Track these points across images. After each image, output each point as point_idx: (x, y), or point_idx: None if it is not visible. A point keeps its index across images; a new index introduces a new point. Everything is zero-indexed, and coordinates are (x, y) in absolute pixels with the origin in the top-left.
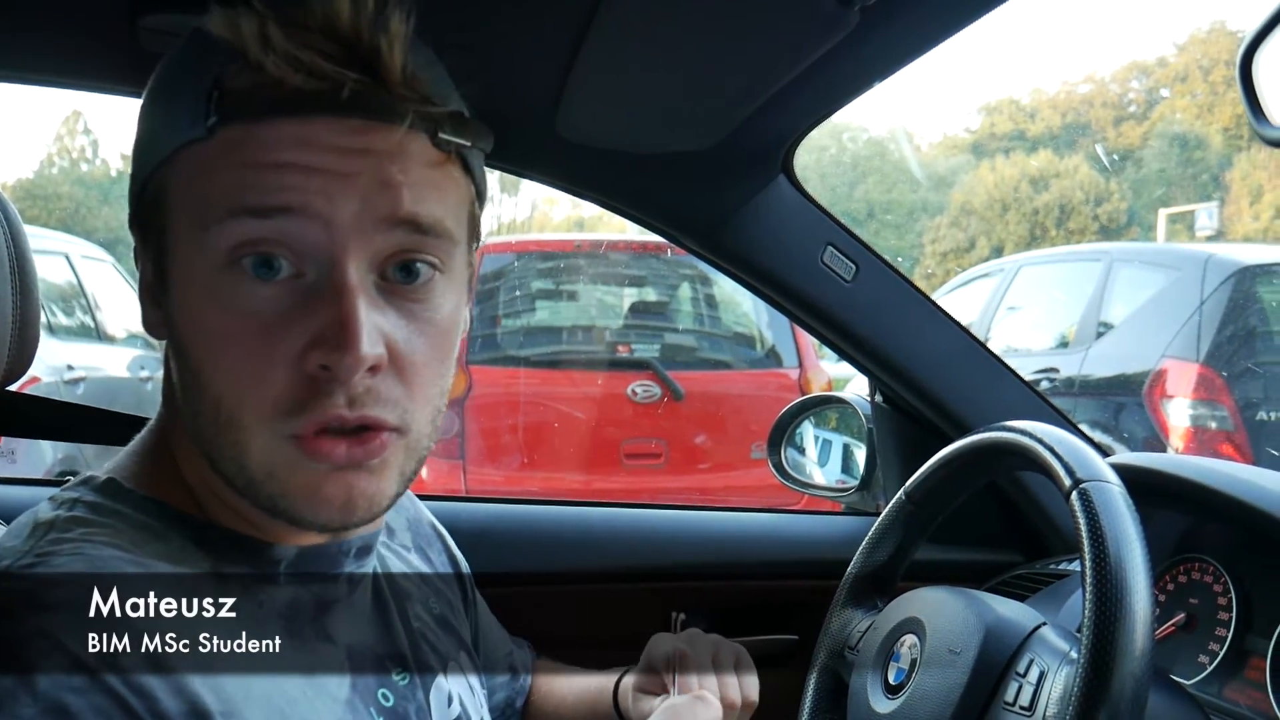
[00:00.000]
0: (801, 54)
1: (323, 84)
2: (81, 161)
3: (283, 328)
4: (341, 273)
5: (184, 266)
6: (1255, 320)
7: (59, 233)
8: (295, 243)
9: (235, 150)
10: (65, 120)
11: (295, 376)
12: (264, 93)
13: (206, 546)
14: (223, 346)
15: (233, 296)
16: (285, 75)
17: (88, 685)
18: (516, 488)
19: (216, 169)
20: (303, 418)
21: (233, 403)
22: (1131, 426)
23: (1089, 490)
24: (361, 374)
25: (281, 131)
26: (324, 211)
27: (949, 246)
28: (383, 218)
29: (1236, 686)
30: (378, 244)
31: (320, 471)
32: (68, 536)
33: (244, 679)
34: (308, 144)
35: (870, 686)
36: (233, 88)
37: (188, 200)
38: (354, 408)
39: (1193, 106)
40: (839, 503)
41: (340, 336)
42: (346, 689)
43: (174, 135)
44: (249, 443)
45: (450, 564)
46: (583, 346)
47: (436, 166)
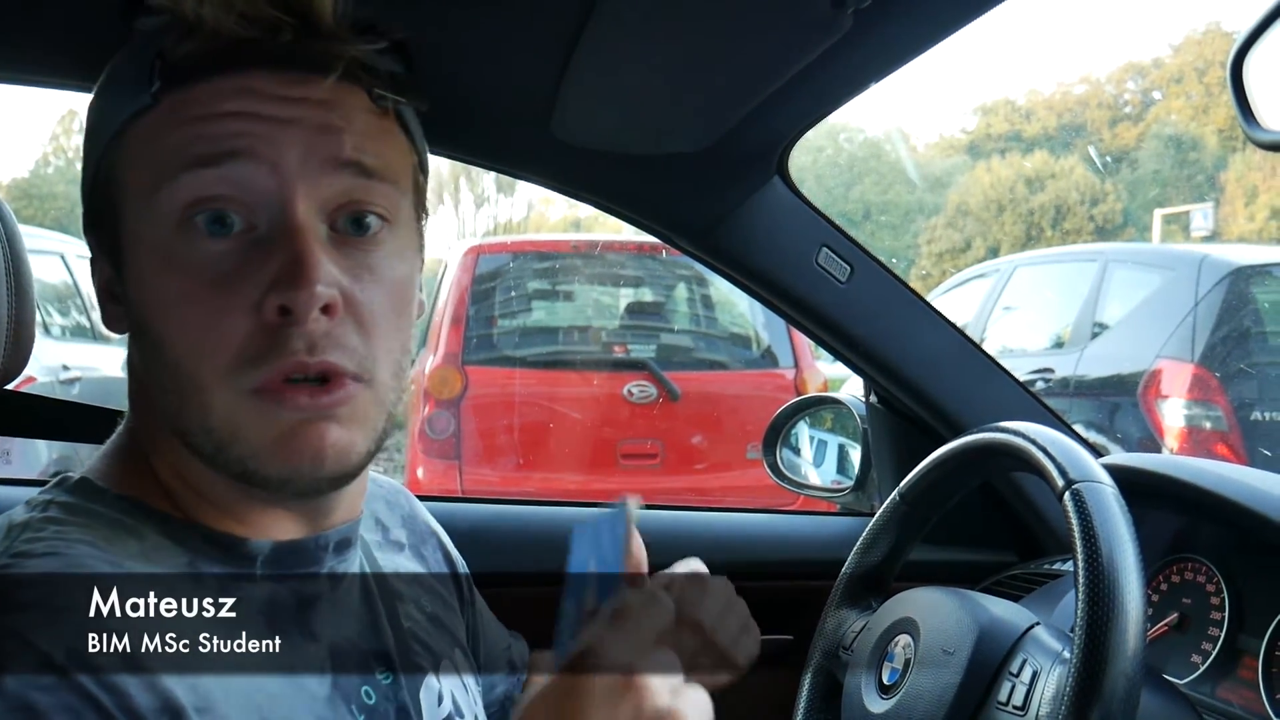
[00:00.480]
0: (796, 56)
1: (257, 33)
2: (77, 161)
3: (238, 280)
4: (292, 215)
5: (138, 237)
6: (1250, 321)
7: (54, 232)
8: (245, 194)
9: (180, 110)
10: (61, 120)
11: (254, 327)
12: (203, 52)
13: (181, 543)
14: (179, 307)
15: (188, 255)
16: (220, 23)
17: (56, 684)
18: (512, 488)
19: (164, 131)
20: (264, 368)
21: (192, 362)
22: (1126, 427)
23: (1081, 491)
24: (318, 314)
25: (223, 85)
26: (269, 155)
27: (945, 247)
28: (326, 159)
29: (1229, 686)
30: (324, 188)
31: (288, 421)
32: (41, 536)
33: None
34: (249, 94)
35: (864, 686)
36: (173, 55)
37: (138, 169)
38: (314, 353)
39: (1188, 108)
40: (834, 503)
41: (295, 275)
42: (327, 686)
43: (120, 110)
44: (211, 402)
45: (446, 562)
46: (579, 347)
47: (377, 119)
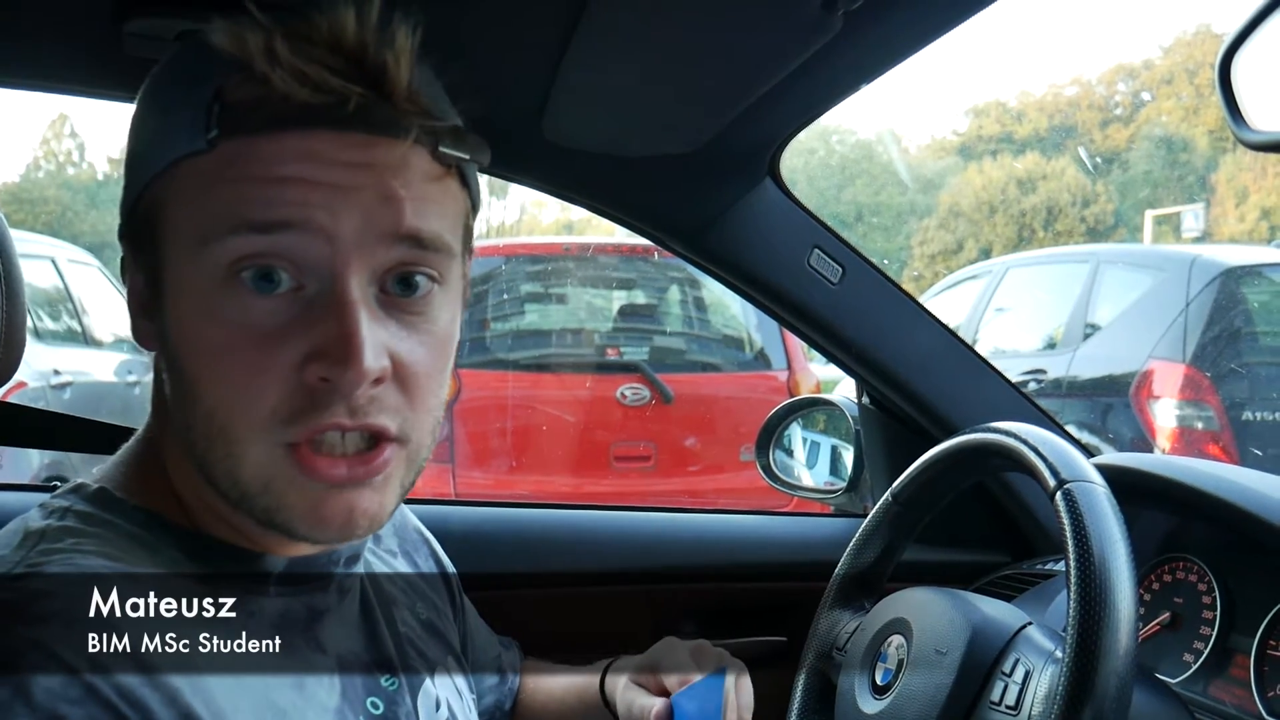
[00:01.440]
0: (786, 58)
1: (327, 98)
2: (68, 165)
3: (281, 339)
4: (343, 287)
5: (180, 279)
6: (1240, 321)
7: (45, 237)
8: (296, 256)
9: (236, 164)
10: (51, 124)
11: (293, 387)
12: (266, 106)
13: (197, 557)
14: (219, 358)
15: (231, 309)
16: (291, 90)
17: (83, 696)
18: (506, 491)
19: (217, 183)
20: (299, 426)
21: (226, 414)
22: (1119, 427)
23: (1073, 490)
24: (365, 386)
25: (284, 145)
26: (326, 226)
27: (937, 248)
28: (385, 232)
29: (1221, 684)
30: (379, 258)
31: (319, 489)
32: (58, 547)
33: (232, 690)
34: (310, 158)
35: (858, 687)
36: (234, 100)
37: (186, 214)
38: (355, 416)
39: (1179, 109)
40: (827, 504)
41: (343, 350)
42: (336, 697)
43: (171, 148)
44: (243, 454)
45: (437, 568)
46: (572, 349)
47: (436, 180)
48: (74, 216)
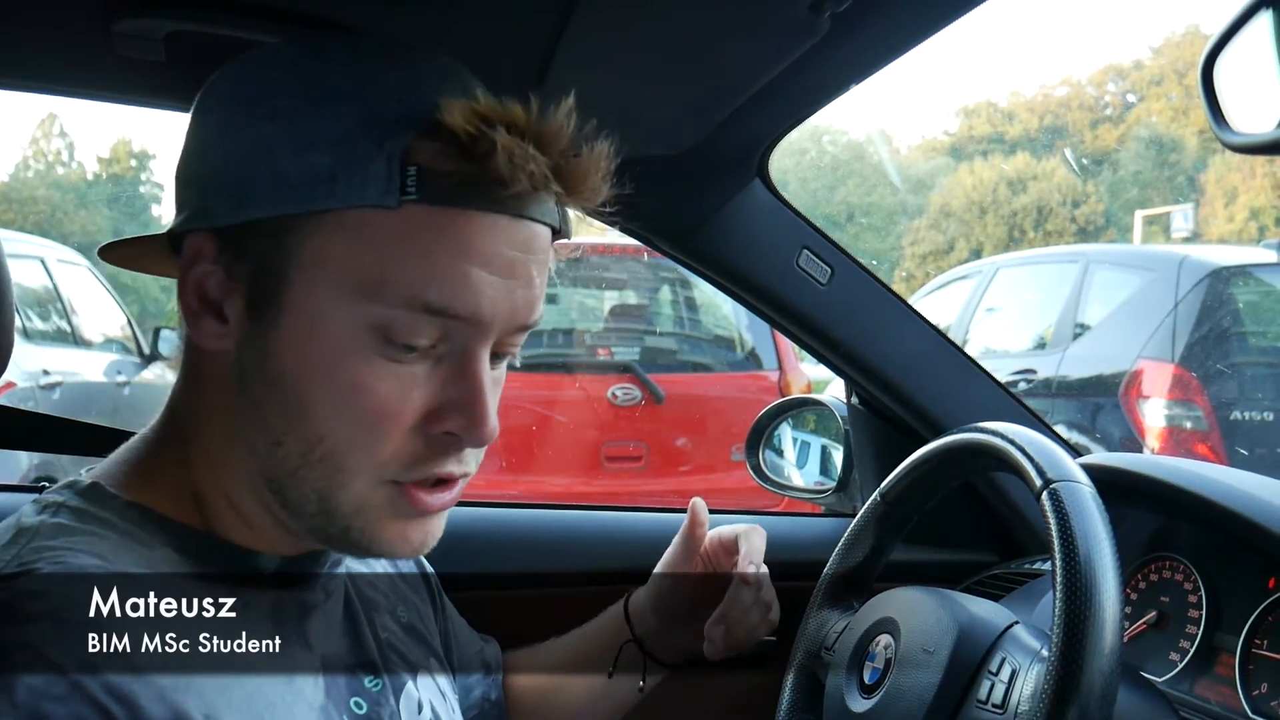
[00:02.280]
0: (774, 60)
1: (532, 192)
2: (57, 165)
3: (411, 392)
4: (477, 358)
5: (314, 313)
6: (1229, 321)
7: (34, 237)
8: (448, 335)
9: (422, 234)
10: (41, 123)
11: (418, 437)
12: (466, 182)
13: (190, 553)
14: (346, 395)
15: (375, 361)
16: (511, 178)
17: (69, 693)
18: (496, 491)
19: (399, 247)
20: (414, 471)
21: (340, 446)
22: (1108, 427)
23: (1059, 490)
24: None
25: (470, 225)
26: (486, 319)
27: (928, 249)
28: (520, 326)
29: (1207, 683)
30: (504, 342)
31: (412, 517)
32: (50, 545)
33: (223, 685)
34: (489, 245)
35: (846, 686)
36: (432, 168)
37: (348, 260)
38: (460, 465)
39: (1168, 109)
40: (817, 504)
41: (473, 413)
42: (321, 695)
43: (349, 193)
44: (347, 484)
45: (417, 570)
46: (563, 350)
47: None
48: (63, 216)
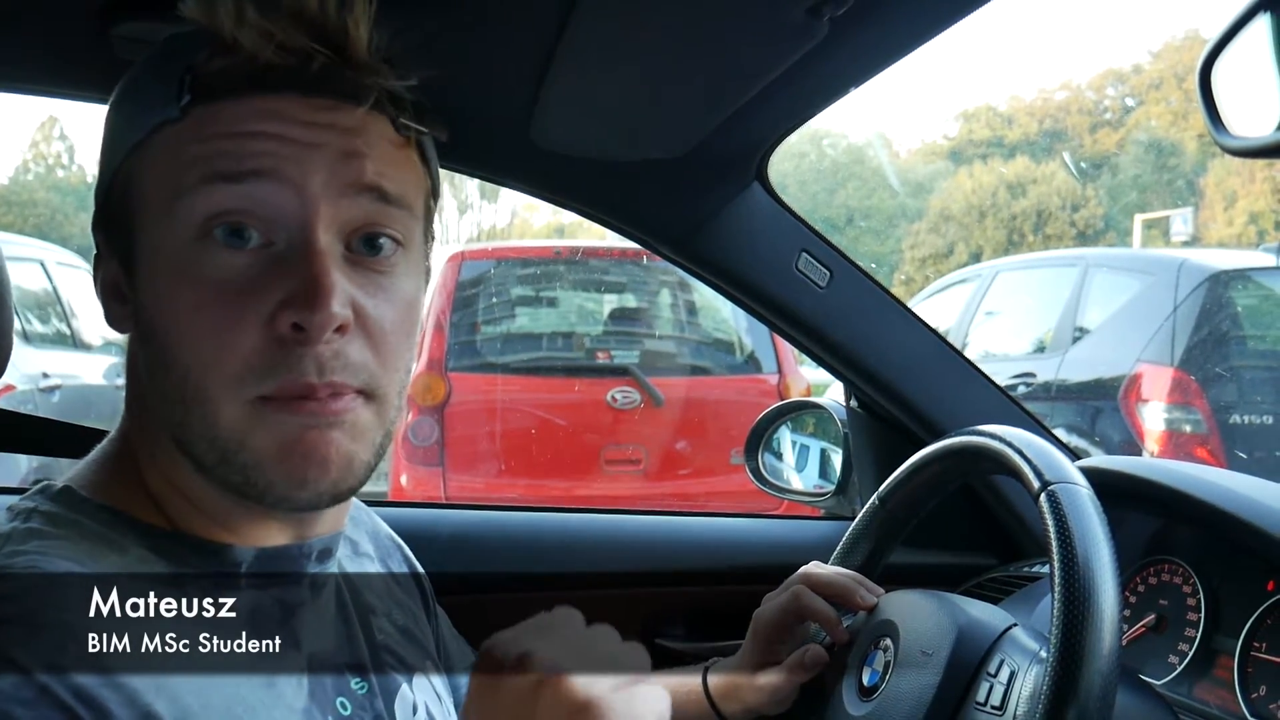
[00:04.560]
0: (772, 63)
1: (292, 60)
2: (57, 168)
3: (253, 293)
4: (312, 236)
5: (154, 245)
6: (1228, 325)
7: (34, 239)
8: (266, 210)
9: (207, 125)
10: (41, 126)
11: (265, 339)
12: (236, 71)
13: (164, 554)
14: (193, 316)
15: (204, 266)
16: (259, 49)
17: (37, 698)
18: (496, 495)
19: (189, 143)
20: (272, 380)
21: (200, 371)
22: (1107, 431)
23: (1057, 492)
24: (330, 334)
25: (252, 105)
26: (294, 176)
27: (928, 252)
28: (349, 184)
29: (1206, 686)
30: (344, 211)
31: (294, 428)
32: (23, 549)
33: (200, 687)
34: (277, 116)
35: (845, 689)
36: (205, 71)
37: (159, 178)
38: (322, 375)
39: (1168, 113)
40: (817, 508)
41: (311, 295)
42: (304, 697)
43: (146, 120)
44: (219, 411)
45: (411, 575)
46: (562, 353)
47: (397, 148)
48: (63, 219)
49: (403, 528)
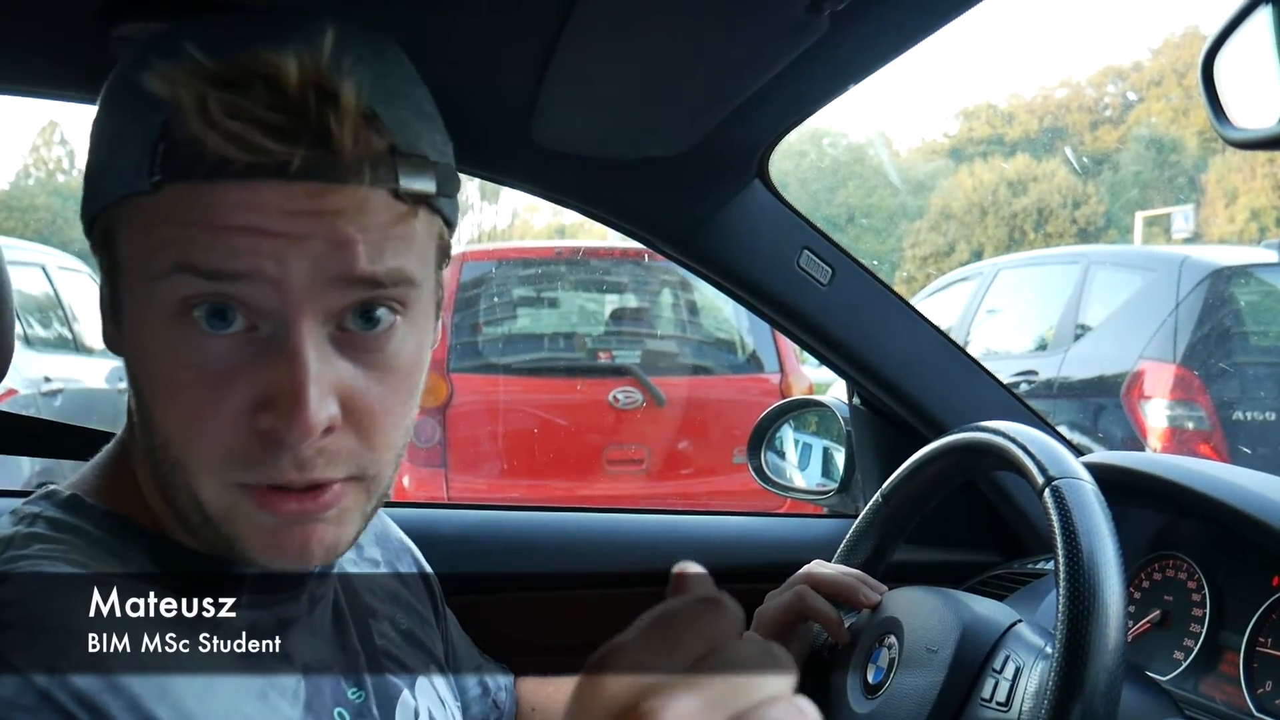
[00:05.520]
0: (773, 60)
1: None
2: (58, 172)
3: (231, 381)
4: (295, 333)
5: (135, 309)
6: (1230, 321)
7: (35, 244)
8: (247, 300)
9: (180, 208)
10: (41, 131)
11: (244, 432)
12: (210, 154)
13: (166, 564)
14: (172, 395)
15: (183, 347)
16: (227, 151)
17: (38, 703)
18: (499, 495)
19: (162, 224)
20: (251, 473)
21: (181, 449)
22: (1110, 428)
23: (1061, 488)
24: (312, 440)
25: (228, 195)
26: (274, 275)
27: (929, 250)
28: (337, 277)
29: (1211, 681)
30: (334, 301)
31: (275, 523)
32: (25, 553)
33: (200, 697)
34: (255, 208)
35: (850, 687)
36: (179, 141)
37: (135, 250)
38: (303, 471)
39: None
40: (820, 506)
41: (289, 403)
42: (300, 710)
43: (119, 183)
44: (199, 487)
45: (421, 578)
46: (564, 353)
47: (399, 217)
48: (64, 224)
49: (405, 528)
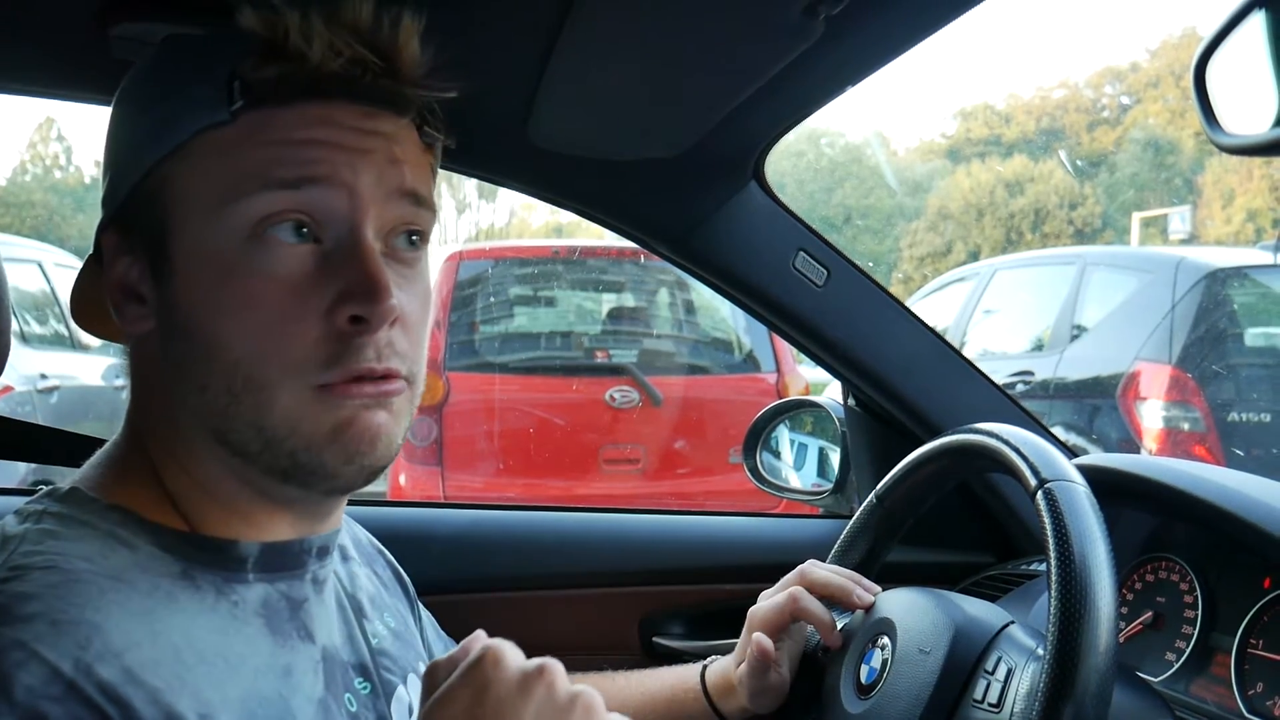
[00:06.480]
0: (769, 62)
1: (351, 68)
2: (55, 169)
3: (310, 287)
4: (362, 235)
5: (197, 244)
6: (1226, 322)
7: (32, 240)
8: (319, 211)
9: (260, 131)
10: (38, 128)
11: (326, 331)
12: (290, 79)
13: (173, 551)
14: (248, 310)
15: (259, 263)
16: (325, 61)
17: (65, 693)
18: (495, 494)
19: (242, 148)
20: (336, 369)
21: (255, 363)
22: (1105, 429)
23: (1054, 490)
24: (387, 324)
25: (305, 113)
26: (348, 181)
27: (926, 251)
28: (393, 190)
29: (1203, 683)
30: (387, 213)
31: (350, 409)
32: (39, 549)
33: (220, 681)
34: (330, 123)
35: (843, 687)
36: (255, 77)
37: (205, 180)
38: (380, 360)
39: (1165, 111)
40: (815, 506)
41: (370, 289)
42: (321, 688)
43: (188, 123)
44: (274, 400)
45: (395, 578)
46: (561, 353)
47: (423, 154)
48: (61, 220)
49: (401, 527)
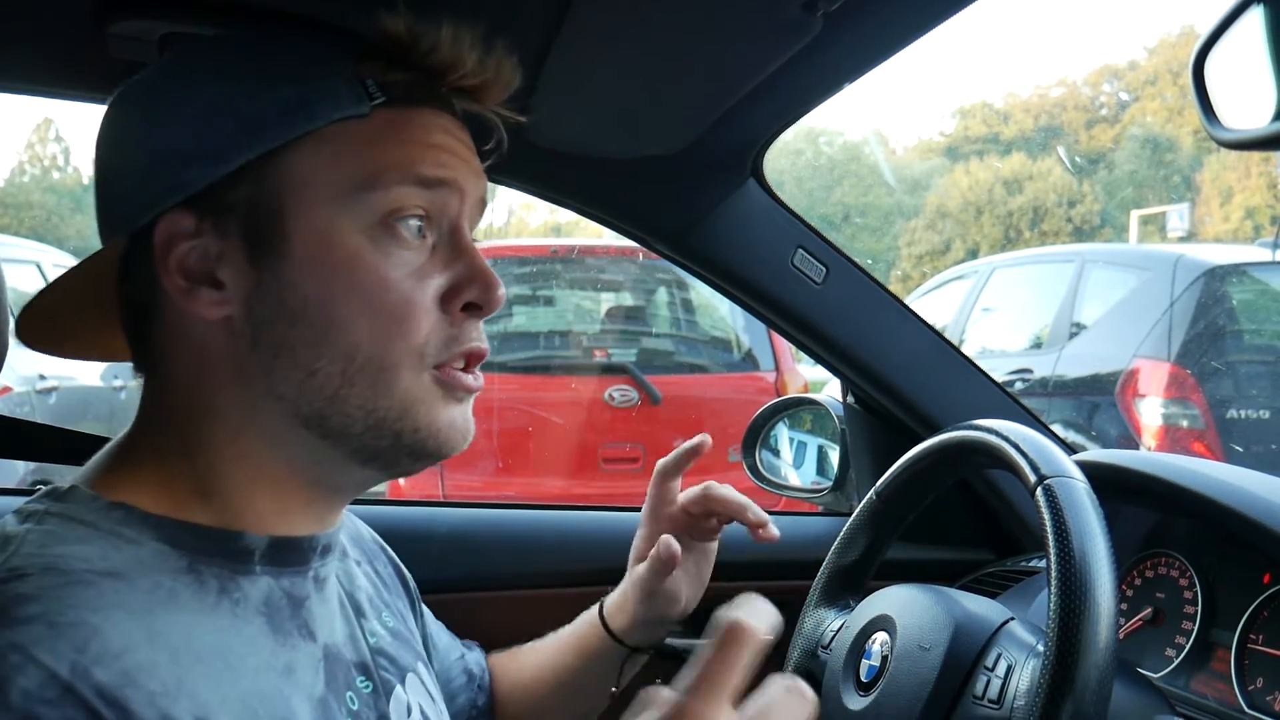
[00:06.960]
0: (767, 59)
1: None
2: (53, 169)
3: (428, 277)
4: (466, 235)
5: (322, 229)
6: (1224, 319)
7: (30, 241)
8: (437, 210)
9: (396, 129)
10: (36, 128)
11: (439, 318)
12: (422, 84)
13: (178, 545)
14: (371, 296)
15: (387, 251)
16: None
17: (61, 697)
18: (494, 493)
19: (381, 143)
20: (447, 349)
21: (377, 347)
22: (1104, 426)
23: (1053, 486)
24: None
25: (434, 119)
26: (466, 187)
27: (924, 249)
28: (478, 199)
29: (1203, 678)
30: (474, 215)
31: (455, 404)
32: (39, 550)
33: (219, 683)
34: (449, 132)
35: (843, 684)
36: (390, 79)
37: (338, 168)
38: (484, 341)
39: (1163, 109)
40: (814, 504)
41: (488, 280)
42: (321, 686)
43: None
44: (393, 384)
45: (397, 575)
46: (560, 352)
47: None
48: (59, 221)
49: (401, 526)
